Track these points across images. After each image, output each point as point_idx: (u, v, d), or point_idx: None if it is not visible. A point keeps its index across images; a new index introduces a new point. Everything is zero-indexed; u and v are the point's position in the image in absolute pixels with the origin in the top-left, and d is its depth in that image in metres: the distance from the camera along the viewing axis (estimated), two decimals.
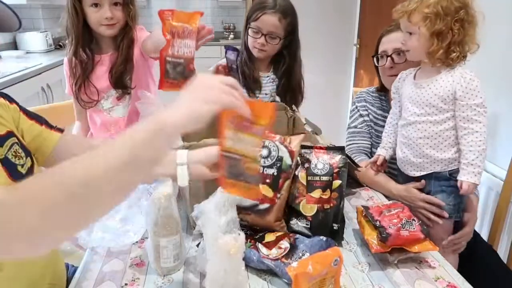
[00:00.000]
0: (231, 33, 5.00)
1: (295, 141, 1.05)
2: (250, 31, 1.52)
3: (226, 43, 4.73)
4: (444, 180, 1.22)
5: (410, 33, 1.16)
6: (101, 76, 1.47)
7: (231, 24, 5.06)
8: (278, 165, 1.00)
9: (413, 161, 1.24)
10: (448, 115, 1.16)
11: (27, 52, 3.44)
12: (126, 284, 0.88)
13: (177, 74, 0.86)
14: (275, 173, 0.99)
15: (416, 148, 1.22)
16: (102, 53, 1.48)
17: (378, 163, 1.33)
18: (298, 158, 1.07)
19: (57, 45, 3.78)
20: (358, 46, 3.64)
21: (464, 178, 1.15)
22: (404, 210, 1.02)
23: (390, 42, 1.38)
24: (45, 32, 3.59)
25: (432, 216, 1.23)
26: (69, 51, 1.44)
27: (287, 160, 1.01)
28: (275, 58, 1.61)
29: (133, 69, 1.46)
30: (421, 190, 1.26)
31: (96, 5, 1.37)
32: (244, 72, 1.57)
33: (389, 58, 1.37)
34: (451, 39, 1.11)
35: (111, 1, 1.38)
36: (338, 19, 3.68)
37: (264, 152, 1.01)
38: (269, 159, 1.01)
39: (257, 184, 0.80)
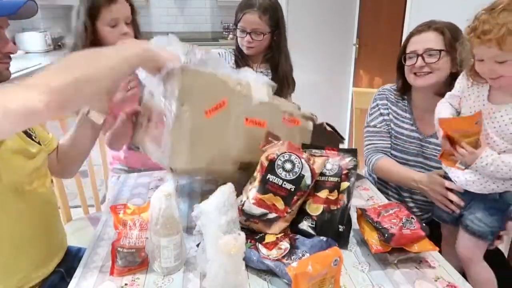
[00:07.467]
0: (231, 33, 5.00)
1: (319, 162, 1.04)
2: (237, 31, 1.64)
3: (226, 43, 4.73)
4: (492, 200, 1.11)
5: (501, 62, 0.92)
6: None
7: (231, 24, 5.04)
8: (298, 182, 0.99)
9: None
10: None
11: (26, 52, 3.43)
12: (126, 284, 0.88)
13: (128, 262, 0.90)
14: (292, 189, 0.99)
15: None
16: None
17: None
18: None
19: (57, 45, 3.77)
20: (357, 46, 3.64)
21: None
22: (401, 209, 1.03)
23: (420, 42, 1.34)
24: (44, 32, 3.57)
25: (452, 206, 1.19)
26: None
27: (308, 179, 1.00)
28: (266, 53, 1.71)
29: None
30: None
31: (114, 26, 1.37)
32: (238, 65, 1.65)
33: (419, 58, 1.33)
34: None
35: (125, 20, 1.39)
36: (337, 19, 3.69)
37: (288, 165, 1.00)
38: (291, 173, 0.99)
39: None
